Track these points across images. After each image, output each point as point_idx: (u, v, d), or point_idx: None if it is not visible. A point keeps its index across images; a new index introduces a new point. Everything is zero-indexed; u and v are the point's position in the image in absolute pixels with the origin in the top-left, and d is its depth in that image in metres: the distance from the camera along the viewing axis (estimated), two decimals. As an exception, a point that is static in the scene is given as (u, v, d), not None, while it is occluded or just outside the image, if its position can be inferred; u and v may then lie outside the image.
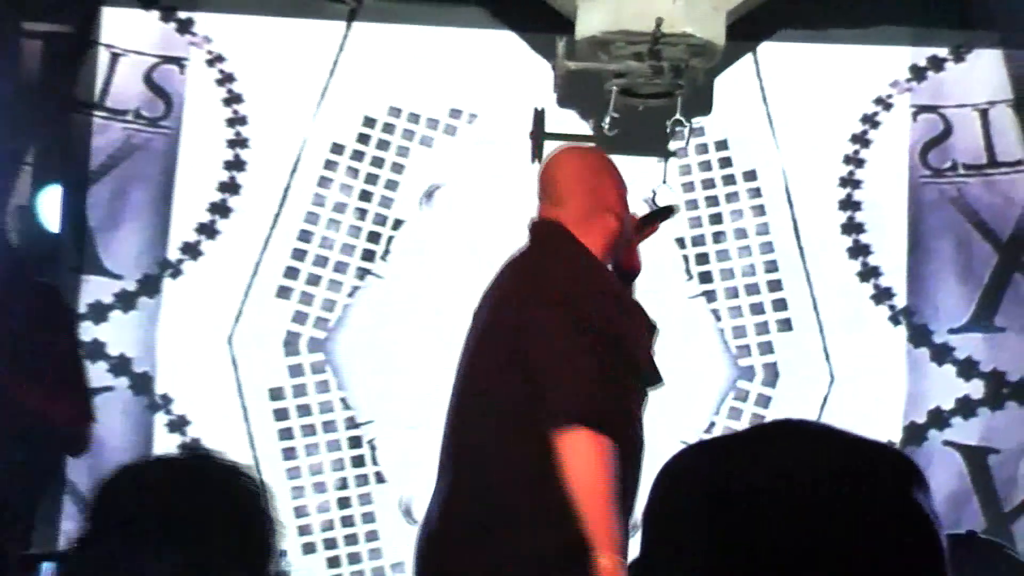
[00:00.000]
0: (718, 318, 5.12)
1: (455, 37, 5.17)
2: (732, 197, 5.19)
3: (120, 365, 5.06)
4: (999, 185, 5.10)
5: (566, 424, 2.99)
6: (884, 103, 5.15)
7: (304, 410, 5.10)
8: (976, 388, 5.05)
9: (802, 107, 5.17)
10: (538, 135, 5.08)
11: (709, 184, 5.20)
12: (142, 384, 5.07)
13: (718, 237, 5.16)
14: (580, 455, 2.98)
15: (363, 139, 5.16)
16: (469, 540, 3.08)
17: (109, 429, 5.02)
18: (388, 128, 5.16)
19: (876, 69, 5.16)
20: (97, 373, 5.00)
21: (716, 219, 5.18)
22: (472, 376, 3.19)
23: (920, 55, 5.17)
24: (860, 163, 5.14)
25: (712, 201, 5.18)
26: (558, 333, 3.02)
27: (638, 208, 4.41)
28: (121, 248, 5.07)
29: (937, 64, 5.16)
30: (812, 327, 5.09)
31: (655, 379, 3.22)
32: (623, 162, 4.90)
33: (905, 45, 5.17)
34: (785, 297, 5.12)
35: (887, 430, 4.89)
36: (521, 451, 3.03)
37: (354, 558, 5.06)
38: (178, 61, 5.14)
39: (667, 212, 3.81)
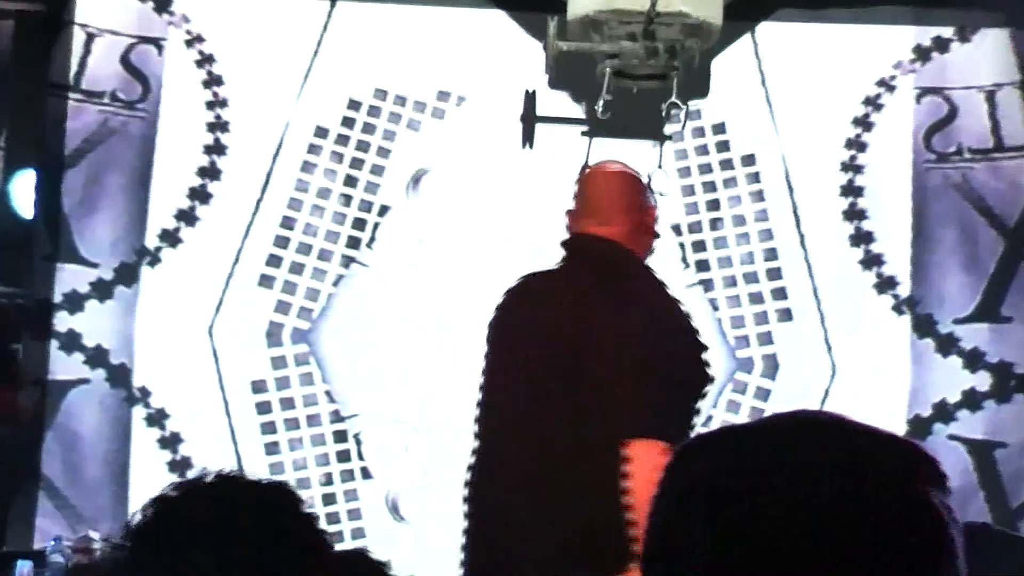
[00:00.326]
0: (715, 308, 4.99)
1: (443, 16, 5.03)
2: (730, 183, 5.06)
3: (97, 356, 4.92)
4: (1006, 170, 4.96)
5: (641, 436, 3.12)
6: (887, 85, 5.01)
7: (287, 403, 4.97)
8: (983, 380, 4.93)
9: (802, 89, 5.04)
10: (529, 118, 4.95)
11: (706, 169, 5.08)
12: (119, 376, 4.94)
13: (715, 224, 5.04)
14: (651, 467, 3.06)
15: (348, 122, 5.02)
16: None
17: (85, 423, 4.90)
18: (374, 111, 5.02)
19: (879, 50, 5.03)
20: (73, 365, 4.87)
21: (713, 205, 5.05)
22: (534, 382, 3.27)
23: (924, 35, 5.03)
24: (862, 147, 5.00)
25: (709, 186, 5.06)
26: (639, 347, 3.16)
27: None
28: (97, 235, 4.93)
29: (942, 45, 5.03)
30: (813, 317, 4.97)
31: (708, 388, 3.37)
32: (617, 146, 4.81)
33: (908, 25, 5.04)
34: (785, 286, 5.00)
35: (891, 424, 4.75)
36: (587, 461, 3.15)
37: (339, 556, 4.91)
38: (156, 42, 5.00)
39: None
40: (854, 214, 5.00)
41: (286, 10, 5.01)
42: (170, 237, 4.96)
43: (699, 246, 5.03)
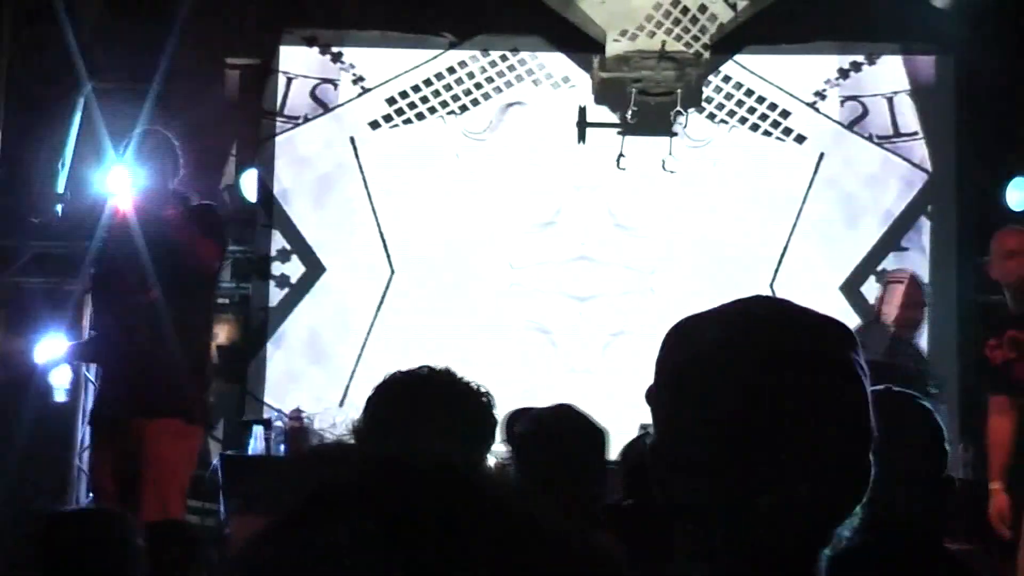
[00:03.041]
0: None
1: (524, 57, 7.55)
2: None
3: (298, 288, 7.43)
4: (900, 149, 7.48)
5: None
6: (820, 94, 7.54)
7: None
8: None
9: (763, 101, 7.54)
10: (582, 123, 7.47)
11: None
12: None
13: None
14: None
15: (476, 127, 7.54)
16: None
17: (287, 335, 7.38)
18: (474, 138, 7.56)
19: (814, 70, 7.55)
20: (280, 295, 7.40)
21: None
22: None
23: (845, 60, 7.56)
24: (801, 139, 7.53)
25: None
26: None
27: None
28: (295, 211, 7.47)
29: (857, 66, 7.56)
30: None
31: None
32: (643, 141, 7.32)
33: (834, 54, 7.55)
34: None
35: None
36: None
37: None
38: (332, 81, 7.56)
39: None
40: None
41: (417, 55, 7.55)
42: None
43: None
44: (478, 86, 7.53)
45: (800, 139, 7.50)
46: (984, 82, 7.20)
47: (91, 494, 5.90)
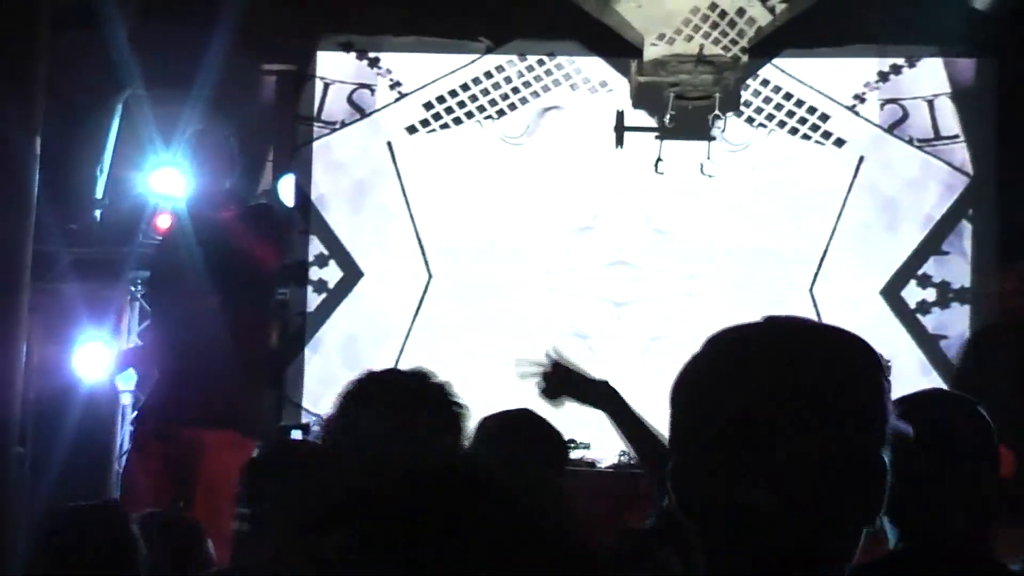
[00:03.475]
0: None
1: (561, 61, 7.56)
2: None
3: (335, 293, 7.46)
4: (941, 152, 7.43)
5: None
6: (860, 98, 7.50)
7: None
8: (930, 294, 7.35)
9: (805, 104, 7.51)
10: (620, 128, 7.46)
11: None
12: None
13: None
14: None
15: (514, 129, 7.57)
16: None
17: (324, 340, 7.41)
18: (512, 139, 7.57)
19: (853, 74, 7.51)
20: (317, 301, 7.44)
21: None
22: None
23: (884, 64, 7.52)
24: (840, 143, 7.49)
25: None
26: None
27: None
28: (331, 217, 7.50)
29: (897, 69, 7.51)
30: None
31: None
32: (681, 145, 7.30)
33: (874, 57, 7.51)
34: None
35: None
36: None
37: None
38: (369, 87, 7.58)
39: None
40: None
41: (453, 60, 7.56)
42: (383, 216, 7.52)
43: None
44: (515, 91, 7.55)
45: (839, 143, 7.47)
46: (1026, 84, 7.14)
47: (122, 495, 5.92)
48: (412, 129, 7.58)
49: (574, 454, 6.49)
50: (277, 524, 1.04)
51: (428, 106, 7.58)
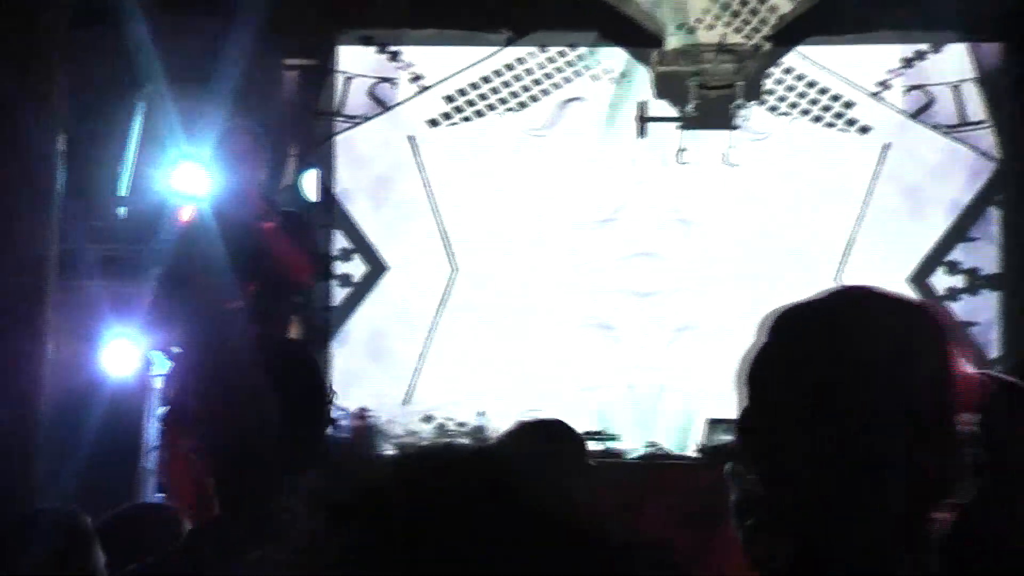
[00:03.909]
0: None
1: (582, 52, 7.55)
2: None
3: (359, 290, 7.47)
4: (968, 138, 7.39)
5: None
6: (884, 84, 7.46)
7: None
8: (959, 280, 7.31)
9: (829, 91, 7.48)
10: (641, 118, 7.45)
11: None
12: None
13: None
14: None
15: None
16: None
17: (352, 336, 7.42)
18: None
19: (877, 60, 7.48)
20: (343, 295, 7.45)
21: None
22: None
23: (909, 50, 7.48)
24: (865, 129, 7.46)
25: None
26: None
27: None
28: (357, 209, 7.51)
29: (921, 55, 7.47)
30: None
31: None
32: (702, 135, 7.28)
33: (897, 43, 7.47)
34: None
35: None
36: None
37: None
38: (390, 80, 7.59)
39: None
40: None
41: (474, 52, 7.56)
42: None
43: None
44: (536, 82, 7.54)
45: (864, 130, 7.44)
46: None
47: (162, 494, 5.94)
48: (434, 122, 7.58)
49: (601, 445, 6.63)
50: (299, 515, 1.04)
51: (449, 99, 7.59)
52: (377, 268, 7.51)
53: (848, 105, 7.45)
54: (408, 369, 7.38)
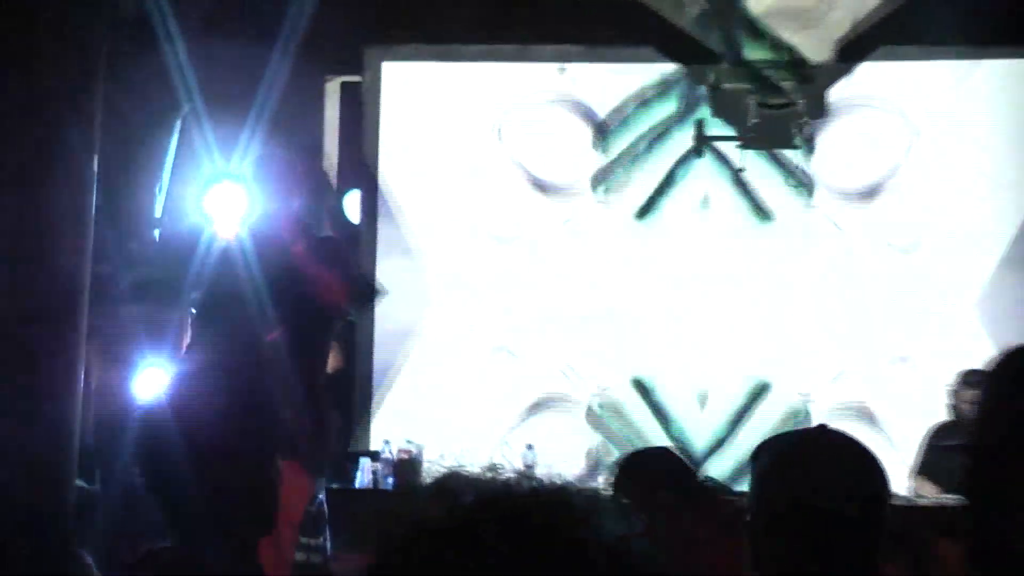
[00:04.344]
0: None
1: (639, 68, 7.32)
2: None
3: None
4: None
5: None
6: (955, 99, 7.16)
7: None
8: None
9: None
10: (699, 137, 7.18)
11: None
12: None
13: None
14: None
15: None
16: None
17: (396, 361, 7.20)
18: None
19: (946, 75, 7.17)
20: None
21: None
22: None
23: (979, 64, 7.19)
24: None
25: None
26: None
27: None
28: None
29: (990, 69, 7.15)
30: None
31: None
32: (760, 156, 7.00)
33: (970, 59, 7.19)
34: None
35: None
36: None
37: None
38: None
39: None
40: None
41: (524, 70, 7.33)
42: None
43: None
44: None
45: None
46: None
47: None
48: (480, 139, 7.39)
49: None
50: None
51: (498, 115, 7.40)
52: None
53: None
54: (457, 399, 7.21)
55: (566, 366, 7.07)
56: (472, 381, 7.18)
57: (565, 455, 6.79)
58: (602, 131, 7.28)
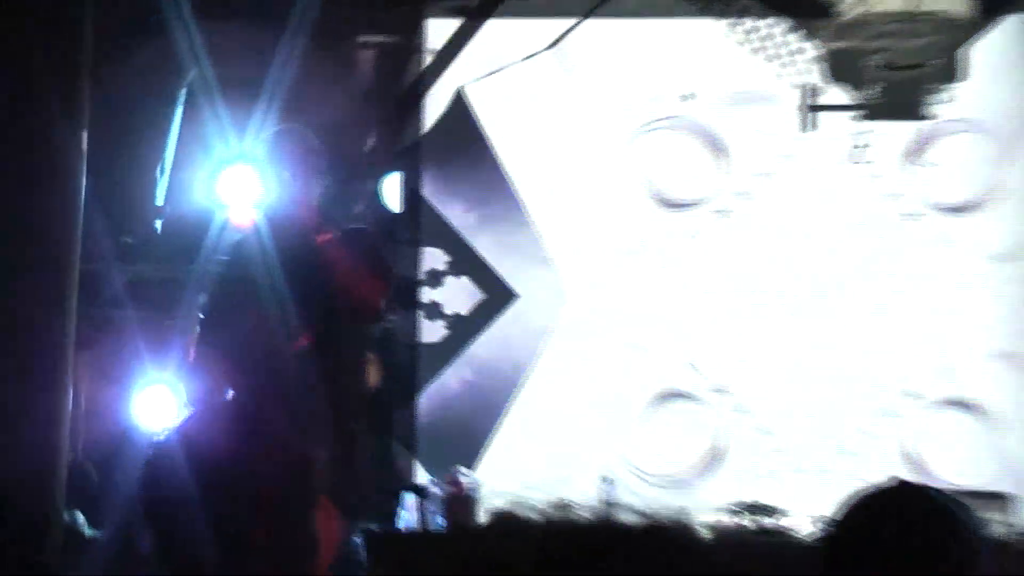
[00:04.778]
0: None
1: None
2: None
3: (457, 323, 7.30)
4: None
5: None
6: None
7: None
8: None
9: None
10: (808, 107, 7.14)
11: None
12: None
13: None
14: None
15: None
16: None
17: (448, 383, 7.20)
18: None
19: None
20: (435, 330, 7.28)
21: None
22: None
23: None
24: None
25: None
26: None
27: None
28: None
29: None
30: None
31: None
32: (884, 126, 6.91)
33: None
34: None
35: None
36: None
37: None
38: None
39: None
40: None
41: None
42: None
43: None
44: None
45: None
46: None
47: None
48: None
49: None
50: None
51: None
52: (491, 291, 7.32)
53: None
54: (518, 421, 7.27)
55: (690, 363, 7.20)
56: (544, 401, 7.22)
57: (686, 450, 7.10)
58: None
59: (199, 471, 3.48)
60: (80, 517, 6.11)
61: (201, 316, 5.70)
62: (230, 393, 5.34)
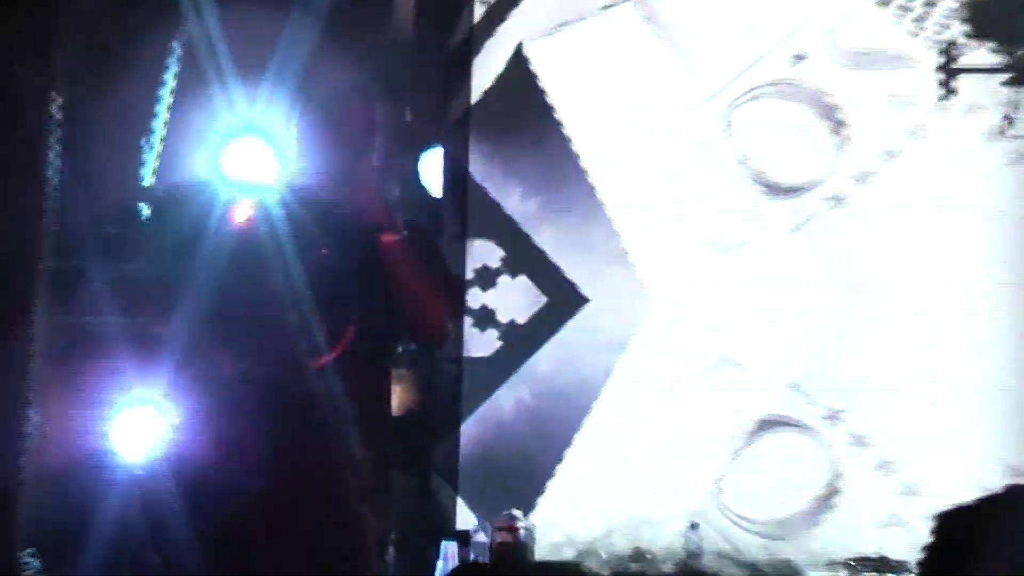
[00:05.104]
0: None
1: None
2: None
3: (511, 332, 7.09)
4: None
5: None
6: None
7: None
8: None
9: None
10: (948, 69, 6.87)
11: None
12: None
13: None
14: None
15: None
16: None
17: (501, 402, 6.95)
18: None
19: None
20: (487, 341, 7.08)
21: None
22: None
23: None
24: None
25: None
26: None
27: None
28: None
29: None
30: None
31: None
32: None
33: None
34: None
35: None
36: None
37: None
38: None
39: None
40: None
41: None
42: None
43: None
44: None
45: None
46: None
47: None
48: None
49: None
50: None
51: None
52: (564, 298, 7.16)
53: None
54: (581, 455, 7.09)
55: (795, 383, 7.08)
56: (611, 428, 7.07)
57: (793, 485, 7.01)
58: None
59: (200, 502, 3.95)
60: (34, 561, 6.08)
61: (200, 325, 5.50)
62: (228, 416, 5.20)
